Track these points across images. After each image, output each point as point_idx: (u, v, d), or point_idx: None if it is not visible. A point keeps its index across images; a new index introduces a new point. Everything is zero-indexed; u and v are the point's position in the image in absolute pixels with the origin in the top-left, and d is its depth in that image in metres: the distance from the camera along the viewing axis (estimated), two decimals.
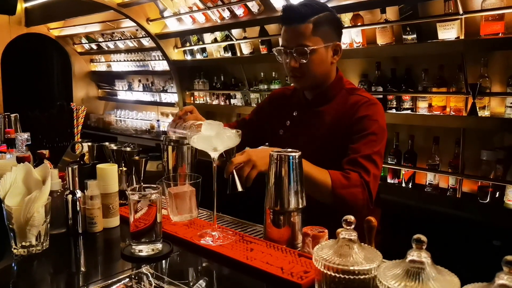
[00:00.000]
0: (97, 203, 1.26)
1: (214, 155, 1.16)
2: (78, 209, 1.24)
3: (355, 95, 1.58)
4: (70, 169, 1.22)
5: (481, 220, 2.33)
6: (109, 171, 1.29)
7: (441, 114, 2.61)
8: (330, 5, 2.91)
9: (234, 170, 1.28)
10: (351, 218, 0.80)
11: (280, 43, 1.57)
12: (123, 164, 1.52)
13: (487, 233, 2.26)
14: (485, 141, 2.50)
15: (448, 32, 2.50)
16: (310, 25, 1.48)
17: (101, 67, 5.98)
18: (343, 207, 1.41)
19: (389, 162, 2.79)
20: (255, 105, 3.79)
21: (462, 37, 2.44)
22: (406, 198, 2.69)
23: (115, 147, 1.60)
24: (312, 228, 1.07)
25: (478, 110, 2.42)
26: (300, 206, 1.16)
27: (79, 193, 1.26)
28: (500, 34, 2.28)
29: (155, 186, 1.13)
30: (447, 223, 2.32)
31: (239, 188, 1.28)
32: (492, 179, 2.38)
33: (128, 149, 1.57)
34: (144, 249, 1.10)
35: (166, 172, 1.43)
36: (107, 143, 1.67)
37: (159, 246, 1.12)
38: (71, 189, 1.25)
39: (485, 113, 2.45)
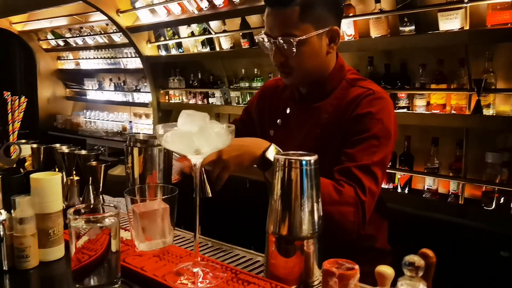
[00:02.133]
0: (30, 228, 0.91)
1: (196, 160, 0.83)
2: (2, 237, 0.89)
3: (357, 87, 1.28)
4: None
5: (486, 229, 2.19)
6: (49, 183, 0.94)
7: (441, 112, 2.43)
8: None
9: (203, 171, 1.05)
10: (419, 261, 0.49)
11: (264, 30, 1.26)
12: (74, 172, 1.18)
13: (493, 243, 2.11)
14: (490, 142, 2.34)
15: (451, 22, 2.31)
16: (296, 9, 1.17)
17: (69, 64, 5.66)
18: (329, 228, 1.12)
19: None
20: (235, 104, 3.55)
21: (466, 27, 2.24)
22: (402, 205, 2.51)
23: (66, 150, 1.26)
24: (336, 263, 0.75)
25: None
26: (317, 231, 0.85)
27: (3, 215, 0.90)
28: (509, 25, 2.10)
29: (112, 205, 0.79)
30: (448, 231, 2.17)
31: (209, 193, 1.07)
32: (498, 184, 2.22)
33: (83, 152, 1.22)
34: None
35: (131, 182, 1.09)
36: (57, 145, 1.32)
37: None
38: None
39: (490, 112, 2.30)
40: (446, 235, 2.13)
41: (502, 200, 2.21)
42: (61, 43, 5.33)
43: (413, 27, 2.44)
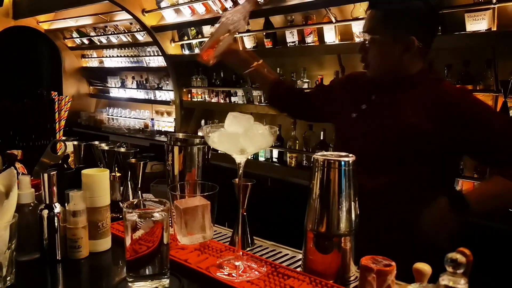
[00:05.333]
0: (82, 220, 0.97)
1: (241, 159, 0.87)
2: (56, 228, 0.95)
3: (447, 83, 1.39)
4: (46, 175, 0.93)
5: None
6: (98, 179, 0.99)
7: None
8: None
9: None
10: (461, 258, 0.52)
11: None
12: (115, 168, 1.23)
13: None
14: None
15: (478, 23, 2.29)
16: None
17: (93, 63, 5.77)
18: None
19: None
20: (257, 103, 3.56)
21: (494, 28, 2.22)
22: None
23: (106, 147, 1.31)
24: (373, 259, 0.79)
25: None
26: (353, 228, 0.88)
27: (58, 208, 0.96)
28: None
29: (157, 200, 0.84)
30: (474, 233, 2.14)
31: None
32: None
33: (122, 149, 1.28)
34: None
35: (171, 179, 1.14)
36: (96, 142, 1.38)
37: (165, 282, 0.83)
38: (47, 202, 0.95)
39: None
40: (472, 236, 2.11)
41: None
42: (85, 41, 5.44)
43: (439, 28, 2.44)
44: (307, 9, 3.01)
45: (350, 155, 0.89)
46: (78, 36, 5.40)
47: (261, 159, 3.48)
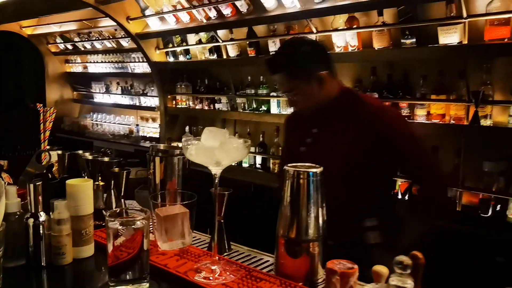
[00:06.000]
0: (66, 228, 1.02)
1: (217, 170, 0.94)
2: (41, 236, 1.00)
3: (367, 99, 1.61)
4: (31, 185, 0.97)
5: (482, 235, 2.26)
6: (82, 188, 1.04)
7: (440, 122, 2.52)
8: (325, 5, 2.79)
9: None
10: (407, 260, 0.59)
11: None
12: (99, 178, 1.28)
13: (490, 248, 2.19)
14: (487, 152, 2.41)
15: (450, 36, 2.40)
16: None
17: (77, 68, 5.75)
18: None
19: None
20: (241, 110, 3.62)
21: (465, 42, 2.33)
22: (402, 211, 2.57)
23: (90, 157, 1.36)
24: (338, 263, 0.86)
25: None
26: (321, 234, 0.95)
27: (43, 216, 1.01)
28: (506, 40, 2.19)
29: (140, 208, 0.90)
30: (446, 237, 2.22)
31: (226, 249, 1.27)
32: (495, 192, 2.30)
33: (106, 159, 1.33)
34: None
35: (153, 188, 1.19)
36: (80, 152, 1.43)
37: (145, 286, 0.89)
38: (33, 211, 1.00)
39: (487, 122, 2.39)
40: (443, 240, 2.20)
41: (498, 207, 2.28)
42: (69, 46, 5.42)
43: (414, 40, 2.53)
44: (289, 20, 3.09)
45: (318, 166, 0.96)
46: (62, 41, 5.38)
47: (245, 165, 3.53)
